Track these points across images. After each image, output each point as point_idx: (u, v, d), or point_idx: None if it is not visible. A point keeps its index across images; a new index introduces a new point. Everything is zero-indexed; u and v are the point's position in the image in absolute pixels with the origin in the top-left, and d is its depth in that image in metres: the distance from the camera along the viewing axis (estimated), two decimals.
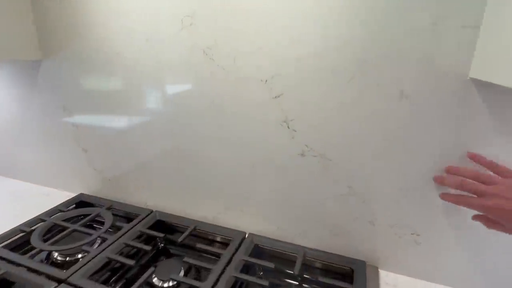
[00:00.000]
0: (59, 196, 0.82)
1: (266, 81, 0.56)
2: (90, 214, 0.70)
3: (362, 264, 0.57)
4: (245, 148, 0.62)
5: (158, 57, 0.62)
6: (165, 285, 0.54)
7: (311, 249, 0.61)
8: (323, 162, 0.57)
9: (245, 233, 0.66)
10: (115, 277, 0.56)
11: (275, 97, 0.56)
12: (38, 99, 0.80)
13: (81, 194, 0.81)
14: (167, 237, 0.65)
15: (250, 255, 0.59)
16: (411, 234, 0.55)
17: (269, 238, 0.64)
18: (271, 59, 0.54)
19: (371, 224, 0.57)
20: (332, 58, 0.50)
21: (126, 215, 0.74)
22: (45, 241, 0.61)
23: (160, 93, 0.65)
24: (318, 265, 0.59)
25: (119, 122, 0.72)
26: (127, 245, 0.61)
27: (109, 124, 0.73)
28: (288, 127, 0.57)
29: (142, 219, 0.70)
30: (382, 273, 0.59)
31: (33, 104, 0.81)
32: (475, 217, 0.45)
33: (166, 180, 0.72)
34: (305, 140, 0.57)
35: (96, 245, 0.63)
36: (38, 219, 0.68)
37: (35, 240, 0.60)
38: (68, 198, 0.80)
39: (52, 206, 0.75)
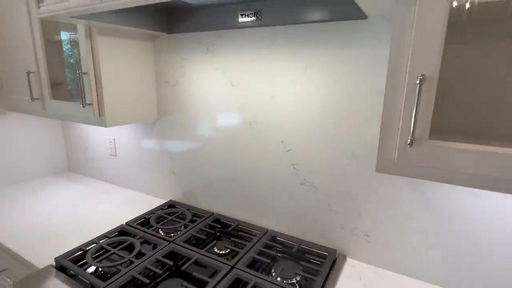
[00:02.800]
0: (158, 201, 1.34)
1: (282, 141, 1.00)
2: (177, 212, 1.19)
3: (334, 251, 0.95)
4: (268, 178, 1.06)
5: (225, 126, 1.11)
6: (221, 252, 0.98)
7: (306, 241, 1.01)
8: (313, 189, 0.98)
9: (268, 229, 1.08)
10: (197, 243, 1.02)
11: (287, 151, 1.00)
12: (152, 143, 1.34)
13: (171, 200, 1.32)
14: (221, 229, 1.10)
15: (270, 240, 1.01)
16: (364, 235, 0.93)
17: (282, 233, 1.06)
18: (286, 130, 0.99)
19: (342, 228, 0.96)
20: (317, 133, 0.94)
21: (197, 214, 1.21)
22: (157, 223, 1.10)
23: (224, 148, 1.14)
24: (307, 250, 0.98)
25: (199, 155, 1.22)
26: (200, 230, 1.07)
27: (192, 156, 1.23)
28: (294, 168, 1.00)
29: (207, 217, 1.16)
30: (348, 260, 0.96)
31: (148, 146, 1.36)
32: None
33: (221, 194, 1.19)
34: (303, 176, 0.99)
35: (182, 228, 1.10)
36: (150, 212, 1.19)
37: (152, 222, 1.10)
38: (163, 202, 1.31)
39: (155, 206, 1.26)
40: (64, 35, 1.21)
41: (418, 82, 0.52)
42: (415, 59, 0.53)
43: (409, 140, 0.55)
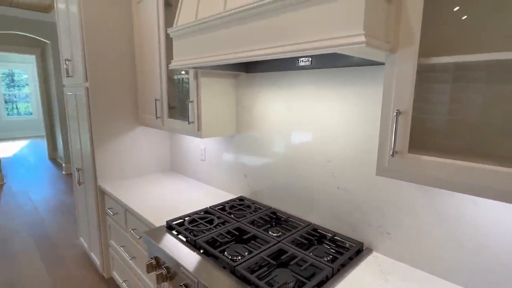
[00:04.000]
0: (232, 196, 1.77)
1: (324, 154, 1.31)
2: (245, 204, 1.59)
3: (361, 243, 1.19)
4: (314, 183, 1.36)
5: (283, 141, 1.47)
6: (274, 234, 1.31)
7: (339, 233, 1.26)
8: (347, 192, 1.25)
9: (311, 223, 1.37)
10: (256, 225, 1.38)
11: (328, 161, 1.30)
12: (230, 152, 1.79)
13: (241, 196, 1.73)
14: (276, 219, 1.44)
15: (312, 230, 1.30)
16: (386, 233, 1.14)
17: (321, 226, 1.33)
18: (327, 145, 1.29)
19: (369, 226, 1.19)
20: (350, 148, 1.21)
21: (259, 207, 1.58)
22: (230, 209, 1.51)
23: (282, 158, 1.49)
24: (339, 240, 1.24)
25: (263, 163, 1.60)
26: (260, 217, 1.43)
27: (259, 164, 1.62)
28: (333, 175, 1.29)
29: (266, 210, 1.52)
30: (374, 252, 1.18)
31: (227, 154, 1.81)
32: None
33: (279, 193, 1.53)
34: (339, 182, 1.27)
35: (247, 214, 1.47)
36: (226, 202, 1.61)
37: (227, 208, 1.52)
38: (235, 197, 1.73)
39: (230, 199, 1.68)
40: (176, 76, 1.78)
41: (395, 114, 0.79)
42: (395, 98, 0.80)
43: (391, 152, 0.81)
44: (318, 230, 1.32)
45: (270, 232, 1.31)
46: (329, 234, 1.27)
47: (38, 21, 4.61)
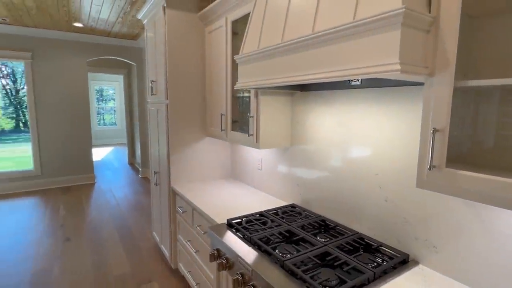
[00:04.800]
0: (284, 202, 1.93)
1: (372, 168, 1.39)
2: (296, 211, 1.73)
3: (406, 255, 1.23)
4: (362, 194, 1.44)
5: (333, 154, 1.59)
6: (321, 239, 1.43)
7: (385, 244, 1.32)
8: (394, 205, 1.30)
9: (358, 232, 1.45)
10: (305, 230, 1.51)
11: (375, 174, 1.37)
12: (284, 163, 1.96)
13: (293, 203, 1.87)
14: (325, 227, 1.55)
15: (358, 238, 1.38)
16: (433, 246, 1.17)
17: (368, 236, 1.40)
18: (375, 159, 1.37)
19: (415, 239, 1.23)
20: (396, 163, 1.28)
21: (309, 215, 1.70)
22: (282, 214, 1.67)
23: (332, 171, 1.61)
24: (384, 250, 1.29)
25: (315, 174, 1.73)
26: (309, 223, 1.56)
27: (310, 174, 1.76)
28: (380, 188, 1.36)
29: (316, 217, 1.64)
30: (420, 265, 1.21)
31: (282, 164, 1.98)
32: None
33: (329, 203, 1.64)
34: (387, 194, 1.33)
35: (297, 220, 1.61)
36: (279, 208, 1.78)
37: (279, 213, 1.68)
38: (287, 204, 1.88)
39: (282, 205, 1.84)
40: (239, 95, 2.03)
41: (431, 132, 0.88)
42: (433, 117, 0.89)
43: (429, 166, 0.89)
44: (364, 239, 1.39)
45: (318, 237, 1.42)
46: (374, 244, 1.34)
47: (127, 47, 5.49)
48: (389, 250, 1.29)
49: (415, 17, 0.82)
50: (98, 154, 8.56)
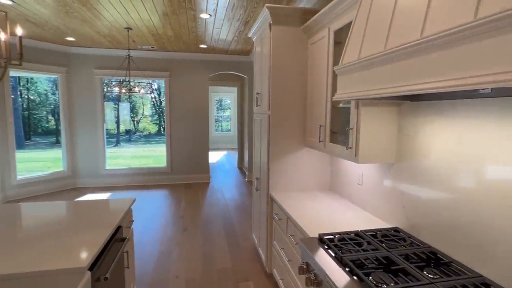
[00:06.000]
0: (385, 224, 1.73)
1: (508, 195, 1.10)
2: (399, 236, 1.53)
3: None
4: (493, 229, 1.15)
5: (450, 174, 1.34)
6: (429, 275, 1.21)
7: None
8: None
9: (481, 275, 1.16)
10: (409, 261, 1.32)
11: (510, 206, 1.08)
12: (388, 180, 1.76)
13: (396, 227, 1.66)
14: (435, 260, 1.31)
15: (481, 284, 1.11)
16: None
17: (496, 284, 1.11)
18: (510, 183, 1.08)
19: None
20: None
21: (415, 242, 1.47)
22: (381, 237, 1.51)
23: (450, 194, 1.35)
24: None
25: (428, 196, 1.49)
26: (415, 253, 1.35)
27: (421, 195, 1.53)
28: None
29: (424, 247, 1.40)
30: None
31: (385, 181, 1.79)
32: None
33: (444, 232, 1.38)
34: None
35: (400, 247, 1.42)
36: (378, 230, 1.61)
37: (378, 236, 1.52)
38: (389, 226, 1.68)
39: (383, 227, 1.66)
40: (339, 105, 1.95)
41: None
42: None
43: None
44: (491, 287, 1.11)
45: (424, 271, 1.22)
46: None
47: (241, 61, 6.08)
48: None
49: None
50: (214, 157, 9.72)
